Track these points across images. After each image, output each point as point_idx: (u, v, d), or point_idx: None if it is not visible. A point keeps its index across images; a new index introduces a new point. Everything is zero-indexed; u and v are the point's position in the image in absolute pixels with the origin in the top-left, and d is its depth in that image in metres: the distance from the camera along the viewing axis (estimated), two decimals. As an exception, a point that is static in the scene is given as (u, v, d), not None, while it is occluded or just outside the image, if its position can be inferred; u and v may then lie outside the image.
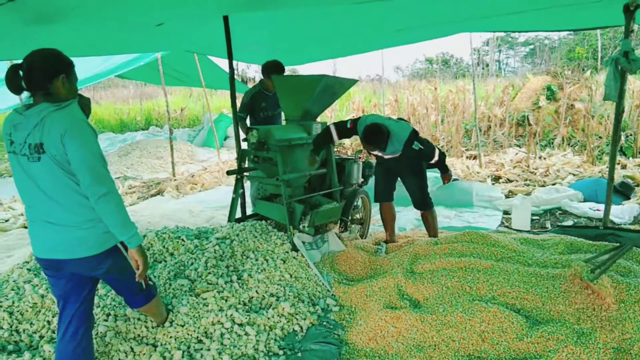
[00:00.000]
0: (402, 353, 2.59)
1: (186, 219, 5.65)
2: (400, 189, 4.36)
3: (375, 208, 4.79)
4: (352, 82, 4.61)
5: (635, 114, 9.28)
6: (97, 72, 7.65)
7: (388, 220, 4.36)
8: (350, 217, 4.39)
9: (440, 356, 2.51)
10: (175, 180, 7.99)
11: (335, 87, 4.36)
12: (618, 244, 3.33)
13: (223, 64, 8.33)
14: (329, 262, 3.83)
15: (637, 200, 5.90)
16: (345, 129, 4.01)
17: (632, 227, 4.94)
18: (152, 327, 2.71)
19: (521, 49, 38.91)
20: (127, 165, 9.80)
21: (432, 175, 4.87)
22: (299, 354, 2.66)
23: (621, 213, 5.25)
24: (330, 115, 13.27)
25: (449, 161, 8.48)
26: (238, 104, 4.84)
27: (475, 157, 9.26)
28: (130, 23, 4.28)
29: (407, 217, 5.61)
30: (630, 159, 8.46)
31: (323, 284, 3.47)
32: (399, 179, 4.33)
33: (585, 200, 5.87)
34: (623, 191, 6.03)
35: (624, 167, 7.71)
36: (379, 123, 3.78)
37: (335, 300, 3.30)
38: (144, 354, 2.55)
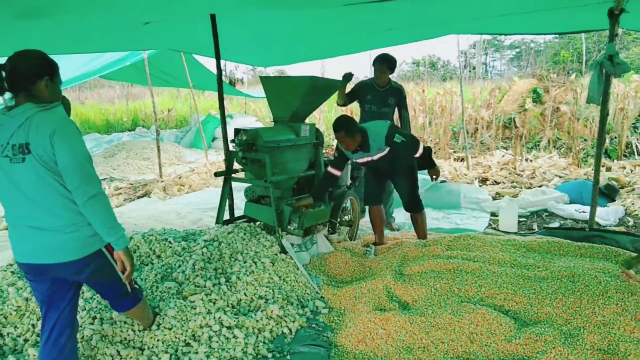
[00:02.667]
0: (391, 355, 2.58)
1: (173, 221, 5.60)
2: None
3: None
4: (341, 83, 4.61)
5: (620, 117, 9.41)
6: (82, 72, 7.54)
7: (377, 223, 4.36)
8: (339, 219, 4.38)
9: (429, 358, 2.51)
10: (162, 181, 7.91)
11: (323, 89, 4.36)
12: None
13: (211, 64, 8.30)
14: (317, 264, 3.82)
15: (622, 203, 5.98)
16: (337, 158, 4.03)
17: (617, 228, 5.01)
18: (139, 331, 2.67)
19: (507, 52, 39.31)
20: (113, 167, 9.67)
21: (421, 177, 4.87)
22: (288, 357, 2.64)
23: (606, 215, 5.32)
24: (319, 117, 13.25)
25: (437, 163, 8.54)
26: (226, 105, 4.78)
27: (462, 159, 9.32)
28: (117, 21, 4.23)
29: (397, 219, 5.61)
30: (615, 161, 8.59)
31: (312, 286, 3.45)
32: (389, 181, 4.33)
33: (571, 202, 5.93)
34: (608, 193, 6.12)
35: (608, 169, 7.82)
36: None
37: (324, 302, 3.29)
38: (130, 358, 2.51)
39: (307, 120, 4.48)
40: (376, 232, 4.40)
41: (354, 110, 12.91)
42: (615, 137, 9.36)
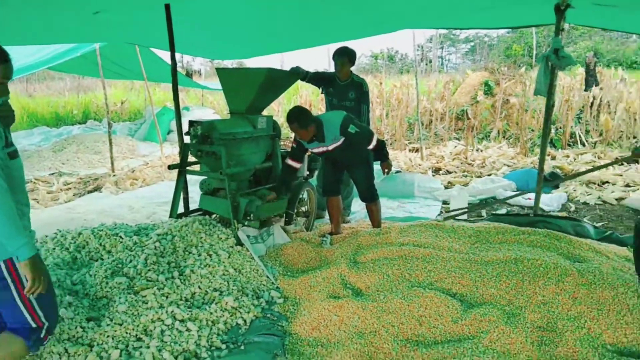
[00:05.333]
0: (344, 340, 2.64)
1: (125, 216, 5.46)
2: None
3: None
4: (298, 76, 4.61)
5: (565, 108, 9.87)
6: (28, 63, 7.20)
7: (334, 213, 4.41)
8: (295, 210, 4.41)
9: (380, 341, 2.58)
10: (114, 175, 7.70)
11: (281, 81, 4.35)
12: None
13: (166, 56, 8.09)
14: (274, 255, 3.83)
15: (564, 189, 6.30)
16: (295, 150, 4.07)
17: (560, 214, 5.27)
18: (88, 327, 2.61)
19: (462, 46, 40.33)
20: (63, 161, 9.31)
21: (376, 167, 4.96)
22: (242, 347, 2.65)
23: (550, 201, 5.59)
24: (278, 109, 13.21)
25: (392, 154, 8.70)
26: (183, 98, 4.68)
27: (417, 150, 9.53)
28: (65, 9, 4.05)
29: (353, 208, 5.68)
30: (560, 150, 9.01)
31: (268, 277, 3.47)
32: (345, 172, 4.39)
33: (517, 190, 6.19)
34: (552, 180, 6.42)
35: (553, 158, 8.21)
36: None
37: (279, 292, 3.31)
38: (79, 355, 2.46)
39: (264, 112, 4.47)
40: (333, 222, 4.45)
41: (312, 102, 12.95)
42: (560, 127, 9.81)
